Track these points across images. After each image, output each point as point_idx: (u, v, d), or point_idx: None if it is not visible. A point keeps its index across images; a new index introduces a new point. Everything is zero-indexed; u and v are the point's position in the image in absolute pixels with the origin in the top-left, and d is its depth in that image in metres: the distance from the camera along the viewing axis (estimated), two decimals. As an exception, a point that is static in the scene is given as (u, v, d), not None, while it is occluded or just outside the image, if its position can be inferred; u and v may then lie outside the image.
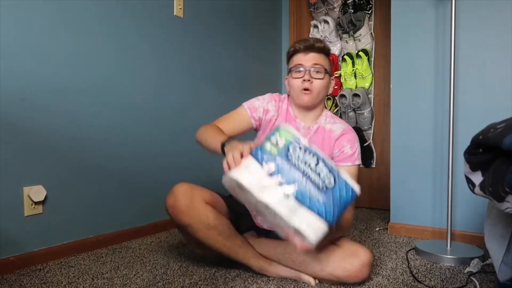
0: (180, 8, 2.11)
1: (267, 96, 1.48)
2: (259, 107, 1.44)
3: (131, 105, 1.88)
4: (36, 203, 1.50)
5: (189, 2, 2.17)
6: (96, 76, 1.72)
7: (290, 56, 1.43)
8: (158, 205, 1.99)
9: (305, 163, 1.04)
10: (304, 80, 1.36)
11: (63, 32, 1.59)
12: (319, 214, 1.01)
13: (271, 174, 1.02)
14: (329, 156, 1.40)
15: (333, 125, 1.44)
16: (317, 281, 1.30)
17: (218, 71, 2.38)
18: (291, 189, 1.01)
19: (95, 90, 1.71)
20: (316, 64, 1.36)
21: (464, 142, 0.98)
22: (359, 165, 1.43)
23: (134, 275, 1.39)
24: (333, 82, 1.46)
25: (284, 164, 1.03)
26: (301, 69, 1.37)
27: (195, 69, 2.23)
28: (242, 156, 1.05)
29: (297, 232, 1.01)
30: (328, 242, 1.28)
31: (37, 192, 1.49)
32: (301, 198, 1.01)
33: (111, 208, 1.79)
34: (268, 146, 1.06)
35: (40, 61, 1.52)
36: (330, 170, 1.06)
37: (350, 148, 1.40)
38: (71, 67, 1.62)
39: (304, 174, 1.03)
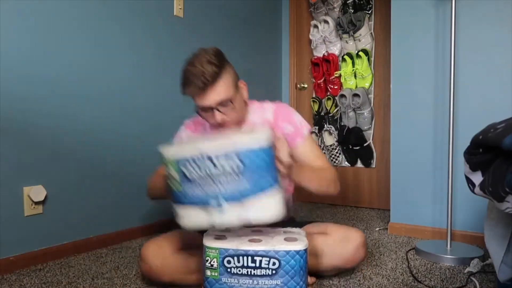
0: (180, 8, 2.11)
1: (181, 130, 1.43)
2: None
3: (131, 105, 1.88)
4: (36, 203, 1.50)
5: (189, 2, 2.17)
6: (96, 76, 1.72)
7: (188, 95, 1.25)
8: (158, 205, 1.99)
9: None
10: (217, 122, 1.22)
11: (63, 32, 1.59)
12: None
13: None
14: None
15: (263, 114, 1.35)
16: (314, 280, 1.30)
17: (218, 71, 2.38)
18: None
19: (95, 91, 1.72)
20: (218, 103, 1.20)
21: (464, 142, 0.98)
22: (310, 132, 1.35)
23: (134, 275, 1.39)
24: (244, 86, 1.33)
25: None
26: (208, 109, 1.22)
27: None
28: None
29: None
30: (317, 233, 1.27)
31: (37, 192, 1.49)
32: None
33: (111, 208, 1.79)
34: (208, 272, 1.10)
35: (40, 61, 1.52)
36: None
37: (289, 124, 1.33)
38: (71, 68, 1.62)
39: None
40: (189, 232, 1.33)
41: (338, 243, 1.26)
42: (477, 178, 0.94)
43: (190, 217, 1.05)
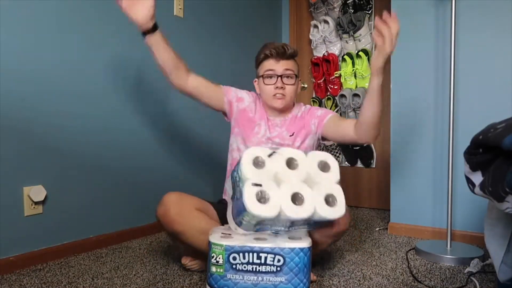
0: (180, 8, 2.11)
1: (245, 90, 1.57)
2: (233, 91, 1.54)
3: (131, 105, 1.88)
4: (36, 203, 1.50)
5: (189, 2, 2.17)
6: (96, 76, 1.72)
7: (260, 61, 1.48)
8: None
9: (248, 263, 1.11)
10: (277, 87, 1.42)
11: (63, 32, 1.59)
12: None
13: None
14: (309, 132, 1.48)
15: (301, 110, 1.54)
16: (315, 278, 1.30)
17: (218, 71, 2.37)
18: None
19: (94, 91, 1.71)
20: (287, 69, 1.43)
21: (464, 142, 0.98)
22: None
23: (134, 275, 1.39)
24: (300, 82, 1.55)
25: (235, 276, 1.12)
26: (273, 75, 1.43)
27: (195, 69, 2.22)
28: None
29: None
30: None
31: (37, 192, 1.49)
32: None
33: (111, 208, 1.79)
34: (213, 269, 1.13)
35: (40, 61, 1.52)
36: (273, 251, 1.11)
37: (320, 110, 1.51)
38: (71, 68, 1.62)
39: (255, 272, 1.11)
40: (209, 204, 1.44)
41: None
42: (477, 178, 0.94)
43: None
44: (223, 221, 1.39)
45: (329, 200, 1.09)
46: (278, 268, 1.10)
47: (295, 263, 1.10)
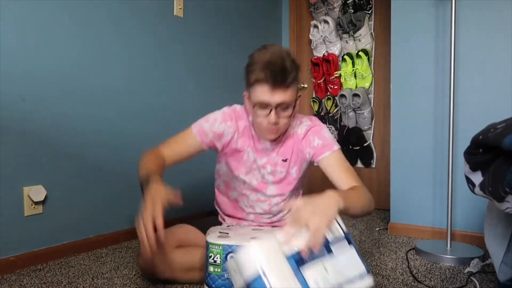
0: (180, 8, 2.11)
1: (219, 115, 1.32)
2: (209, 131, 1.29)
3: (131, 105, 1.88)
4: (36, 203, 1.50)
5: (189, 2, 2.17)
6: (96, 76, 1.72)
7: (252, 83, 1.17)
8: (158, 205, 1.99)
9: None
10: (269, 122, 1.17)
11: (63, 32, 1.59)
12: None
13: None
14: (304, 159, 1.31)
15: (298, 128, 1.32)
16: None
17: (218, 71, 2.37)
18: None
19: (95, 91, 1.71)
20: (282, 104, 1.15)
21: (464, 142, 0.98)
22: (339, 148, 1.29)
23: (134, 275, 1.39)
24: (299, 99, 1.26)
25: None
26: (267, 106, 1.16)
27: (195, 69, 2.23)
28: (154, 223, 0.96)
29: None
30: None
31: (37, 192, 1.49)
32: None
33: (111, 208, 1.79)
34: (211, 268, 1.10)
35: (40, 61, 1.52)
36: None
37: (318, 139, 1.28)
38: (71, 68, 1.62)
39: None
40: (187, 229, 1.35)
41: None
42: (477, 178, 0.94)
43: None
44: None
45: None
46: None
47: None
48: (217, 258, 1.11)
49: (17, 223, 1.45)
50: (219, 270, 1.11)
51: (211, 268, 1.12)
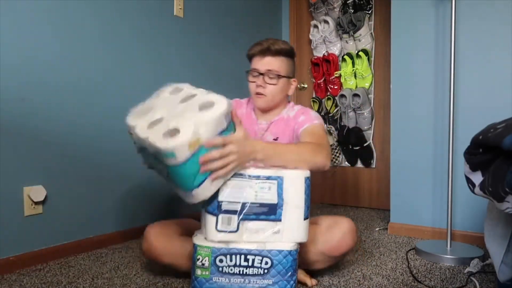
0: (180, 8, 2.11)
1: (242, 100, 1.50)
2: None
3: (131, 105, 1.88)
4: (36, 203, 1.50)
5: (189, 2, 2.17)
6: (96, 76, 1.72)
7: (249, 58, 1.41)
8: (158, 205, 1.99)
9: (235, 265, 1.09)
10: (257, 85, 1.36)
11: (64, 32, 1.59)
12: None
13: None
14: (293, 138, 1.38)
15: (291, 112, 1.43)
16: (314, 282, 1.30)
17: (218, 71, 2.38)
18: None
19: (95, 91, 1.71)
20: (269, 70, 1.35)
21: (464, 142, 0.98)
22: (320, 124, 1.36)
23: (134, 275, 1.39)
24: (294, 83, 1.44)
25: (219, 277, 1.09)
26: (255, 73, 1.36)
27: (195, 69, 2.23)
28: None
29: None
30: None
31: (37, 192, 1.49)
32: None
33: (111, 208, 1.79)
34: (198, 272, 1.10)
35: (40, 61, 1.52)
36: (261, 254, 1.10)
37: (303, 116, 1.37)
38: (72, 68, 1.62)
39: (242, 275, 1.09)
40: (191, 221, 1.39)
41: (325, 230, 1.27)
42: (477, 178, 0.94)
43: None
44: None
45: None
46: (266, 271, 1.09)
47: (283, 266, 1.09)
48: (205, 261, 1.09)
49: (17, 223, 1.45)
50: (207, 273, 1.09)
51: (198, 271, 1.10)
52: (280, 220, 1.09)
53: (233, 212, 1.08)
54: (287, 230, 1.10)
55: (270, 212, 1.09)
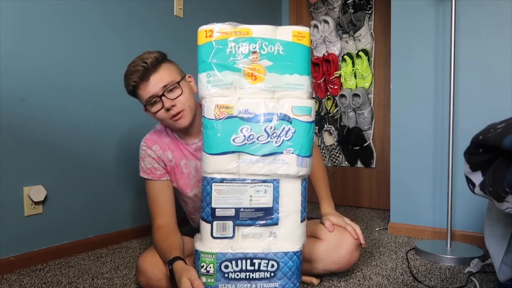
0: (180, 8, 2.11)
1: (142, 151, 1.33)
2: (152, 165, 1.31)
3: (132, 105, 1.88)
4: (36, 203, 1.50)
5: (189, 2, 2.17)
6: (96, 76, 1.72)
7: (133, 94, 1.23)
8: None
9: (241, 270, 1.07)
10: (166, 109, 1.19)
11: (64, 32, 1.59)
12: None
13: None
14: None
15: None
16: (319, 280, 1.31)
17: (218, 71, 2.38)
18: None
19: (95, 90, 1.72)
20: (165, 85, 1.18)
21: (464, 142, 0.98)
22: None
23: (134, 275, 1.39)
24: (190, 79, 1.30)
25: (227, 285, 1.07)
26: (154, 99, 1.19)
27: (195, 69, 2.22)
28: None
29: None
30: (309, 236, 1.25)
31: (37, 192, 1.49)
32: None
33: (111, 208, 1.79)
34: (203, 279, 1.07)
35: (40, 61, 1.52)
36: (267, 257, 1.08)
37: None
38: (72, 67, 1.62)
39: (248, 280, 1.07)
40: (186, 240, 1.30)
41: (332, 249, 1.26)
42: (477, 178, 0.94)
43: None
44: None
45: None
46: (272, 274, 1.08)
47: (289, 267, 1.08)
48: (210, 267, 1.06)
49: (17, 223, 1.45)
50: (212, 280, 1.06)
51: (203, 279, 1.06)
52: (276, 224, 1.08)
53: (228, 218, 1.06)
54: (284, 234, 1.09)
55: (266, 216, 1.08)
